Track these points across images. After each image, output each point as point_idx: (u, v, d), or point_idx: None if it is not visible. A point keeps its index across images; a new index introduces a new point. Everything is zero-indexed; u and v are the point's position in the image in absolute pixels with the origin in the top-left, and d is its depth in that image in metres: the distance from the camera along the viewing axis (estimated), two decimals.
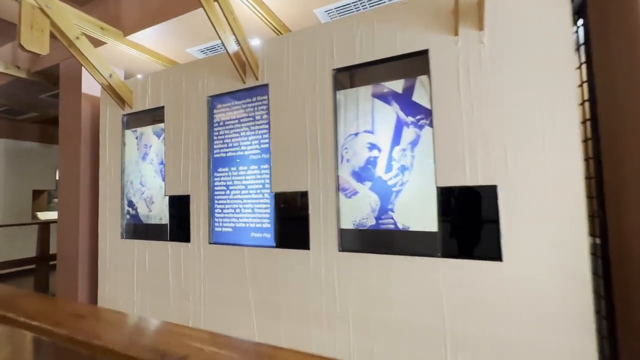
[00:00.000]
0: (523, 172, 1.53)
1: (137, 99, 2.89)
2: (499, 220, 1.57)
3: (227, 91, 2.41)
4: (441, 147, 1.70)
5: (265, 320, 2.15)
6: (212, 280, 2.37)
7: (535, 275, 1.49)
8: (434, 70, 1.73)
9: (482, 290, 1.58)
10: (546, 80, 1.51)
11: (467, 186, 1.65)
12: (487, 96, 1.61)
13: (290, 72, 2.15)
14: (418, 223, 1.77)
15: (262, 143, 2.27)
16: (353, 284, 1.89)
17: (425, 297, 1.71)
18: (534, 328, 1.48)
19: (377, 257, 1.83)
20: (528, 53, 1.54)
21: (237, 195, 2.36)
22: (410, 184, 1.80)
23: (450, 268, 1.66)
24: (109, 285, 2.90)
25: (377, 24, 1.89)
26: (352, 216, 1.94)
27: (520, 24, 1.56)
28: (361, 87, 1.96)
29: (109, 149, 3.02)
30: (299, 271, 2.05)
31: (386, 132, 1.87)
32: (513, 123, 1.56)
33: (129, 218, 2.92)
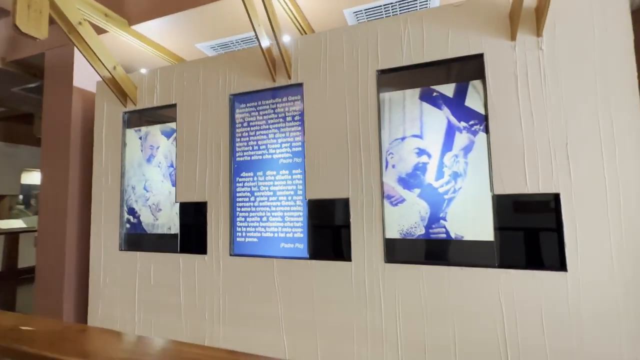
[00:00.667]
0: (586, 180, 1.51)
1: (142, 95, 2.61)
2: (562, 229, 1.53)
3: (253, 90, 2.24)
4: (498, 154, 1.65)
5: (297, 339, 1.97)
6: (233, 296, 2.15)
7: (600, 285, 1.46)
8: (489, 75, 1.69)
9: (545, 302, 1.53)
10: (607, 87, 1.51)
11: (527, 194, 1.60)
12: (547, 103, 1.59)
13: (328, 71, 2.03)
14: (472, 232, 1.70)
15: (294, 146, 2.12)
16: (401, 297, 1.77)
17: (483, 309, 1.63)
18: (599, 340, 1.45)
19: (428, 268, 1.74)
20: (588, 60, 1.54)
21: (264, 202, 2.17)
22: (463, 191, 1.73)
23: (510, 279, 1.59)
24: (102, 303, 2.55)
25: (427, 26, 1.82)
26: (398, 225, 1.84)
27: (580, 30, 1.56)
28: (408, 89, 1.88)
29: (105, 149, 2.69)
30: (338, 284, 1.91)
31: (436, 138, 1.80)
32: (574, 130, 1.54)
33: (129, 227, 2.61)
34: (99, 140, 2.72)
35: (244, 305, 2.12)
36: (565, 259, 1.52)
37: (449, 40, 1.78)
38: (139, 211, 2.58)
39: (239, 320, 2.13)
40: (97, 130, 2.74)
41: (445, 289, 1.70)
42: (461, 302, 1.67)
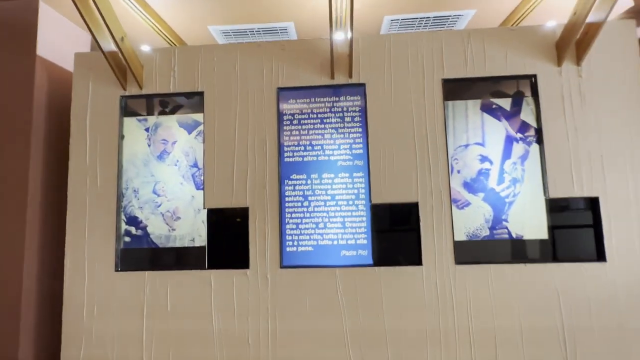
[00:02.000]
0: (618, 185, 1.86)
1: (151, 77, 2.13)
2: (601, 226, 1.85)
3: (306, 85, 2.06)
4: (551, 163, 1.90)
5: (366, 352, 1.87)
6: (285, 313, 1.91)
7: (633, 272, 1.81)
8: (542, 94, 1.94)
9: (590, 289, 1.82)
10: (633, 109, 1.90)
11: (575, 197, 1.89)
12: (587, 121, 1.91)
13: (393, 75, 2.02)
14: (530, 231, 1.90)
15: (355, 148, 2.02)
16: (472, 296, 1.86)
17: (543, 300, 1.83)
18: (636, 317, 1.79)
19: (495, 266, 1.87)
20: (618, 87, 1.91)
21: (321, 207, 2.00)
22: (522, 195, 1.93)
23: (563, 271, 1.84)
24: (86, 342, 1.95)
25: (488, 43, 1.99)
26: (464, 227, 1.93)
27: (611, 61, 1.93)
28: (470, 100, 2.01)
29: (90, 141, 2.09)
30: (408, 290, 1.89)
31: (497, 146, 1.97)
32: (608, 144, 1.89)
33: (129, 241, 2.07)
34: (79, 130, 2.10)
35: (299, 323, 1.91)
36: (604, 251, 1.83)
37: (507, 58, 1.98)
38: (145, 220, 2.07)
39: (293, 341, 1.90)
40: (76, 117, 2.11)
41: (510, 284, 1.85)
42: (524, 295, 1.84)
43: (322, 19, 2.43)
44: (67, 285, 2.00)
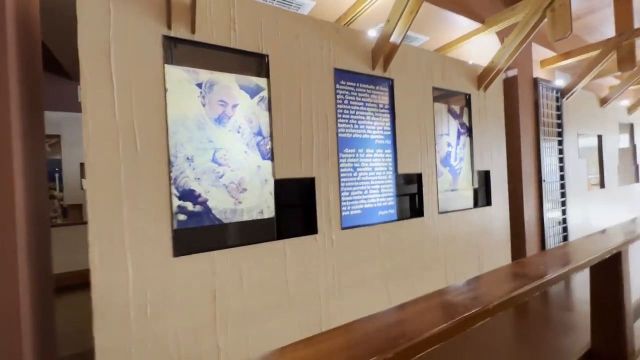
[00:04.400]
0: (503, 163, 3.36)
1: (204, 21, 1.76)
2: (490, 185, 3.29)
3: (354, 70, 2.35)
4: (475, 149, 3.16)
5: (394, 284, 2.51)
6: (345, 267, 2.25)
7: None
8: (472, 106, 3.15)
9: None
10: (501, 118, 3.43)
11: (484, 170, 3.24)
12: (487, 124, 3.29)
13: (408, 77, 2.65)
14: (465, 188, 3.12)
15: (385, 130, 2.54)
16: (451, 235, 2.87)
17: (469, 228, 3.10)
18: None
19: (468, 211, 2.96)
20: (499, 105, 3.38)
21: (365, 177, 2.41)
22: (463, 168, 3.10)
23: (483, 211, 3.16)
24: (138, 353, 1.53)
25: (453, 68, 2.99)
26: (441, 188, 2.90)
27: (495, 90, 3.37)
28: (443, 104, 2.96)
29: (120, 90, 1.52)
30: (417, 233, 2.67)
31: (454, 136, 3.03)
32: (494, 139, 3.34)
33: (184, 220, 1.70)
34: (99, 71, 1.48)
35: (355, 273, 2.29)
36: (491, 198, 3.29)
37: (460, 81, 3.05)
38: (205, 193, 1.76)
39: (352, 289, 2.27)
40: (90, 51, 1.46)
41: (467, 221, 2.99)
42: (470, 229, 3.04)
43: (340, 8, 2.69)
44: (98, 285, 1.45)
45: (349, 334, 0.62)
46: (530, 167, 3.65)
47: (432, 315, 0.70)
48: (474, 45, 3.62)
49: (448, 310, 0.73)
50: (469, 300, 0.78)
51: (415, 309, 0.74)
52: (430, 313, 0.72)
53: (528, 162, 3.62)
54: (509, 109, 3.54)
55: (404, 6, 2.12)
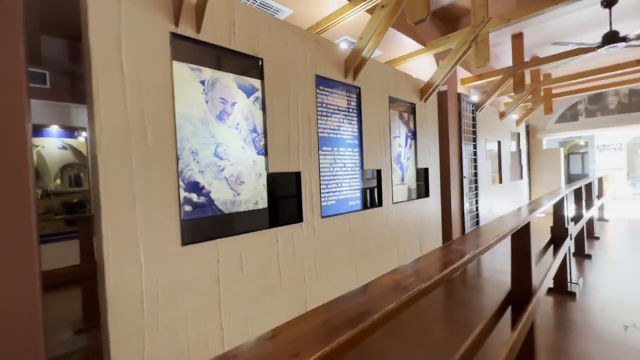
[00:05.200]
0: (436, 163, 4.08)
1: (210, 23, 1.84)
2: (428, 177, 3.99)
3: (331, 77, 2.66)
4: (419, 150, 3.80)
5: (365, 260, 2.93)
6: (324, 252, 2.56)
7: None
8: (417, 114, 3.78)
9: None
10: (435, 124, 4.16)
11: (424, 168, 3.90)
12: (425, 128, 3.96)
13: (372, 86, 3.08)
14: (411, 183, 3.73)
15: (353, 131, 2.92)
16: (401, 222, 3.41)
17: (411, 215, 3.73)
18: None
19: (413, 201, 3.53)
20: (434, 114, 4.10)
21: (339, 171, 2.75)
22: (409, 166, 3.70)
23: (426, 201, 3.82)
24: (150, 339, 1.59)
25: (403, 81, 3.54)
26: (395, 183, 3.43)
27: (432, 102, 4.08)
28: (395, 110, 3.49)
29: (131, 83, 1.54)
30: (377, 221, 3.13)
31: (403, 138, 3.60)
32: (432, 141, 4.05)
33: (190, 211, 1.78)
34: (110, 62, 1.48)
35: (332, 256, 2.62)
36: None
37: (408, 93, 3.63)
38: (208, 186, 1.86)
39: (329, 270, 2.59)
40: (102, 42, 1.45)
41: (409, 210, 3.58)
42: (406, 217, 3.64)
43: (313, 18, 2.97)
44: (113, 275, 1.46)
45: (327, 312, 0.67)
46: (455, 166, 4.49)
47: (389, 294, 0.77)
48: (415, 63, 4.29)
49: (400, 287, 0.79)
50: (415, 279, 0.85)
51: (377, 287, 0.83)
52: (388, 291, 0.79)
53: (454, 162, 4.46)
54: (441, 117, 4.31)
55: (375, 28, 2.51)
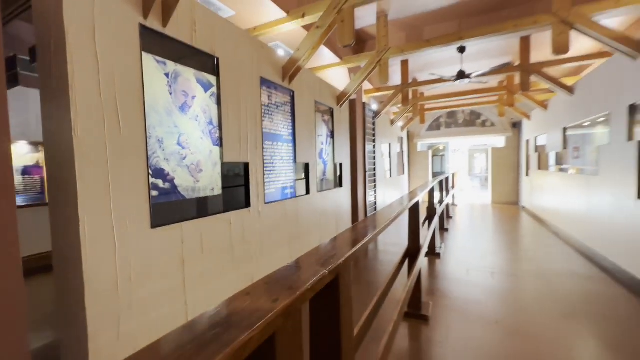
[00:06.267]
0: (346, 157, 4.87)
1: (175, 19, 1.95)
2: (342, 173, 4.76)
3: (272, 80, 3.00)
4: (336, 147, 4.50)
5: (296, 240, 3.40)
6: (267, 233, 2.93)
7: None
8: (334, 117, 4.46)
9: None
10: (347, 129, 4.96)
11: (339, 163, 4.64)
12: (340, 132, 4.71)
13: (303, 91, 3.55)
14: (330, 175, 4.40)
15: (289, 129, 3.33)
16: (323, 208, 4.02)
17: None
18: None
19: (331, 191, 4.17)
20: (347, 118, 4.89)
21: (278, 163, 3.13)
22: (329, 161, 4.36)
23: (343, 190, 4.55)
24: (125, 317, 1.68)
25: (323, 88, 4.15)
26: (318, 175, 4.02)
27: (346, 108, 4.86)
28: (319, 113, 4.06)
29: (104, 72, 1.58)
30: (306, 207, 3.66)
31: (325, 137, 4.22)
32: (344, 142, 4.82)
33: (157, 196, 1.87)
34: (84, 52, 1.49)
35: (273, 237, 3.00)
36: (342, 179, 4.77)
37: (328, 98, 4.26)
38: (173, 172, 1.98)
39: (271, 249, 2.97)
40: (77, 32, 1.46)
41: (328, 199, 4.24)
42: (330, 206, 4.32)
43: (252, 22, 3.22)
44: (89, 257, 1.51)
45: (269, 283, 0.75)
46: (361, 162, 5.43)
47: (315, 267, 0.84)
48: (331, 73, 4.99)
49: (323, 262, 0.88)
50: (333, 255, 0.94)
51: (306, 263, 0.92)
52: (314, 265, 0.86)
53: (360, 158, 5.39)
54: (351, 121, 5.15)
55: (311, 44, 3.00)
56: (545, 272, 3.58)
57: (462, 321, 2.50)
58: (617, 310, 2.64)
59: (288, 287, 0.63)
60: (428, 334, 2.34)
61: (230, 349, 0.42)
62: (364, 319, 1.42)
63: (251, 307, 0.54)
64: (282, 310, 0.54)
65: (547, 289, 3.08)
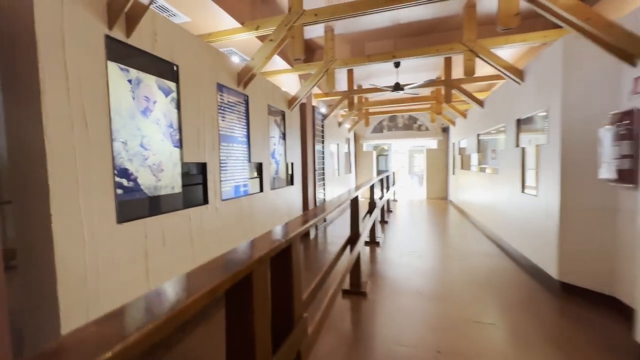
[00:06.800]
0: (298, 156, 5.23)
1: (138, 31, 2.09)
2: (293, 172, 5.12)
3: (228, 86, 3.22)
4: (287, 148, 4.83)
5: (252, 234, 3.67)
6: (224, 228, 3.16)
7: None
8: (286, 120, 4.79)
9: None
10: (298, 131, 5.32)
11: (291, 162, 4.97)
12: (291, 133, 5.06)
13: (257, 96, 3.81)
14: (283, 174, 4.73)
15: (243, 131, 3.58)
16: (276, 205, 4.32)
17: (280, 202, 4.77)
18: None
19: (283, 189, 4.48)
20: (298, 121, 5.24)
21: (233, 163, 3.36)
22: (281, 161, 4.68)
23: (294, 188, 4.89)
24: (92, 306, 1.82)
25: (276, 93, 4.45)
26: (271, 174, 4.31)
27: (296, 110, 5.21)
28: (272, 116, 4.35)
29: (72, 80, 1.70)
30: (260, 203, 3.93)
31: (277, 138, 4.52)
32: (294, 143, 5.18)
33: (122, 194, 2.02)
34: (54, 62, 1.61)
35: (230, 232, 3.24)
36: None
37: (282, 100, 4.57)
38: (136, 172, 2.13)
39: (230, 243, 3.20)
40: (47, 43, 1.58)
41: (280, 196, 4.56)
42: (285, 199, 4.65)
43: (205, 29, 3.39)
44: (60, 250, 1.64)
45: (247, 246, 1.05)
46: (311, 161, 5.84)
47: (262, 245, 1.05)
48: (283, 78, 5.30)
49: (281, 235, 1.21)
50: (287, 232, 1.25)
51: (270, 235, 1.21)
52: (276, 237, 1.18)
53: (310, 158, 5.79)
54: (302, 123, 5.53)
55: (265, 55, 3.28)
56: (461, 253, 4.38)
57: (394, 294, 3.04)
58: (508, 278, 3.44)
59: (260, 248, 0.97)
60: (366, 305, 2.82)
61: (232, 274, 0.74)
62: (311, 289, 1.80)
63: (238, 258, 0.87)
64: (257, 259, 0.88)
65: (460, 265, 3.83)
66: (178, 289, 0.69)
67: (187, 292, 0.65)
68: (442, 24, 4.78)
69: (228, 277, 0.74)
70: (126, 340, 0.48)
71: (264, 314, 0.94)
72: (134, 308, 0.60)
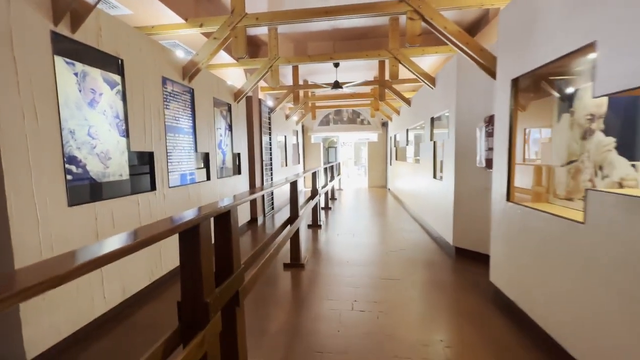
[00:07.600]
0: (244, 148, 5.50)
1: (86, 27, 2.23)
2: (241, 165, 5.40)
3: (173, 79, 3.40)
4: (234, 139, 5.09)
5: None
6: (173, 213, 3.38)
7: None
8: (232, 112, 5.02)
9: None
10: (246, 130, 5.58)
11: (237, 152, 5.24)
12: (238, 125, 5.31)
13: (202, 89, 4.01)
14: (230, 164, 4.99)
15: (189, 122, 3.78)
16: (223, 192, 4.58)
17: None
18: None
19: (230, 177, 4.74)
20: (244, 116, 5.50)
21: (180, 152, 3.56)
22: (228, 151, 4.92)
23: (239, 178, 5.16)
24: None
25: (220, 86, 4.66)
26: (218, 163, 4.55)
27: (242, 106, 5.46)
28: (218, 108, 4.57)
29: (22, 74, 1.84)
30: (208, 191, 4.18)
31: (224, 130, 4.76)
32: (242, 136, 5.44)
33: (71, 179, 2.18)
34: (4, 57, 1.75)
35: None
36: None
37: (228, 93, 4.79)
38: (84, 159, 2.29)
39: None
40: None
41: (207, 187, 4.83)
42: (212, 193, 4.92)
43: (147, 22, 3.50)
44: (16, 230, 1.81)
45: (197, 209, 2.04)
46: (258, 152, 6.14)
47: (208, 208, 2.00)
48: (229, 71, 5.48)
49: (214, 208, 2.10)
50: (222, 205, 2.23)
51: (204, 208, 2.21)
52: (207, 208, 1.98)
53: (257, 149, 6.09)
54: (248, 116, 5.79)
55: (209, 51, 3.52)
56: (388, 230, 5.15)
57: (328, 264, 3.59)
58: (420, 248, 4.23)
59: (206, 209, 1.35)
60: (305, 274, 3.33)
61: (184, 222, 1.13)
62: (251, 254, 2.21)
63: (191, 215, 1.25)
64: (203, 215, 1.27)
65: (386, 240, 4.56)
66: (146, 230, 1.06)
67: (155, 230, 1.03)
68: (375, 31, 5.41)
69: (183, 223, 1.13)
70: (113, 252, 0.85)
71: (209, 256, 1.34)
72: (117, 240, 0.96)
